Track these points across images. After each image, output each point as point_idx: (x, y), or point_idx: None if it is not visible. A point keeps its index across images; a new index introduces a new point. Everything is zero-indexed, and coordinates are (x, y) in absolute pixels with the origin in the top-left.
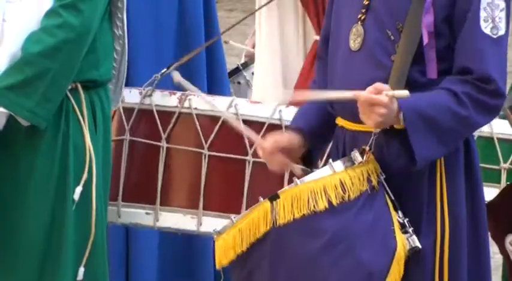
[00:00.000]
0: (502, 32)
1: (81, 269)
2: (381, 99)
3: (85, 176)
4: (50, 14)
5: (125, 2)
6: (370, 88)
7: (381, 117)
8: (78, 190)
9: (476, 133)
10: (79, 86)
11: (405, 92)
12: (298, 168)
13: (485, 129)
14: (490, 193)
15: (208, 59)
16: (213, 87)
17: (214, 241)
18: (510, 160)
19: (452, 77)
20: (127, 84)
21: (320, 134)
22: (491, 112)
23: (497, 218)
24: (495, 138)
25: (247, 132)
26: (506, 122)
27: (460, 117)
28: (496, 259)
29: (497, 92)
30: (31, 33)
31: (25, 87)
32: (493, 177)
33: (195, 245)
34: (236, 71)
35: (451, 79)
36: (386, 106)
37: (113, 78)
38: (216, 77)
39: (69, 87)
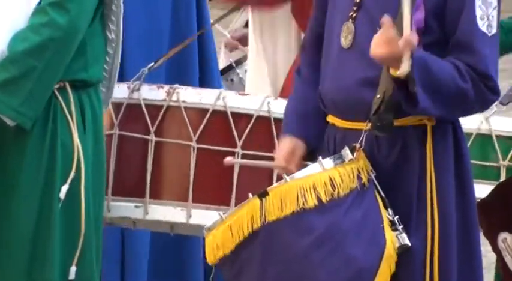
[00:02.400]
0: (495, 30)
1: (73, 268)
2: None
3: (72, 174)
4: (37, 12)
5: (121, 6)
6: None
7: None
8: (64, 188)
9: (474, 131)
10: (67, 85)
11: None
12: None
13: (483, 127)
14: (489, 190)
15: (200, 56)
16: (205, 85)
17: (204, 241)
18: (509, 157)
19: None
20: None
21: (321, 138)
22: (485, 103)
23: (490, 216)
24: (493, 136)
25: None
26: (504, 119)
27: (459, 87)
28: (488, 257)
29: (494, 89)
30: (18, 32)
31: (10, 86)
32: (493, 174)
33: (185, 246)
34: (229, 68)
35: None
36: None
37: (104, 81)
38: (208, 74)
39: (57, 86)
